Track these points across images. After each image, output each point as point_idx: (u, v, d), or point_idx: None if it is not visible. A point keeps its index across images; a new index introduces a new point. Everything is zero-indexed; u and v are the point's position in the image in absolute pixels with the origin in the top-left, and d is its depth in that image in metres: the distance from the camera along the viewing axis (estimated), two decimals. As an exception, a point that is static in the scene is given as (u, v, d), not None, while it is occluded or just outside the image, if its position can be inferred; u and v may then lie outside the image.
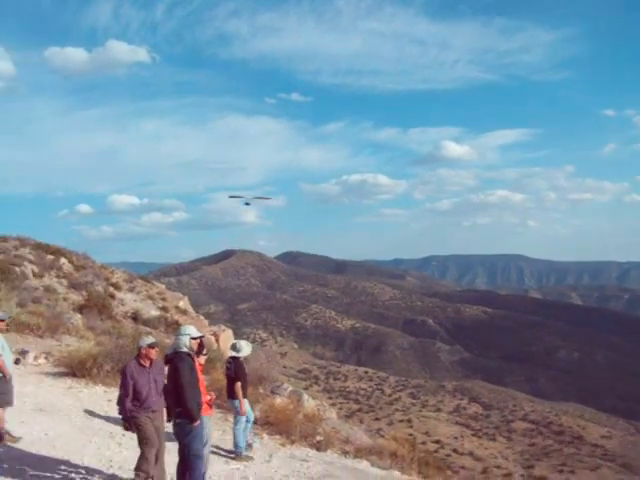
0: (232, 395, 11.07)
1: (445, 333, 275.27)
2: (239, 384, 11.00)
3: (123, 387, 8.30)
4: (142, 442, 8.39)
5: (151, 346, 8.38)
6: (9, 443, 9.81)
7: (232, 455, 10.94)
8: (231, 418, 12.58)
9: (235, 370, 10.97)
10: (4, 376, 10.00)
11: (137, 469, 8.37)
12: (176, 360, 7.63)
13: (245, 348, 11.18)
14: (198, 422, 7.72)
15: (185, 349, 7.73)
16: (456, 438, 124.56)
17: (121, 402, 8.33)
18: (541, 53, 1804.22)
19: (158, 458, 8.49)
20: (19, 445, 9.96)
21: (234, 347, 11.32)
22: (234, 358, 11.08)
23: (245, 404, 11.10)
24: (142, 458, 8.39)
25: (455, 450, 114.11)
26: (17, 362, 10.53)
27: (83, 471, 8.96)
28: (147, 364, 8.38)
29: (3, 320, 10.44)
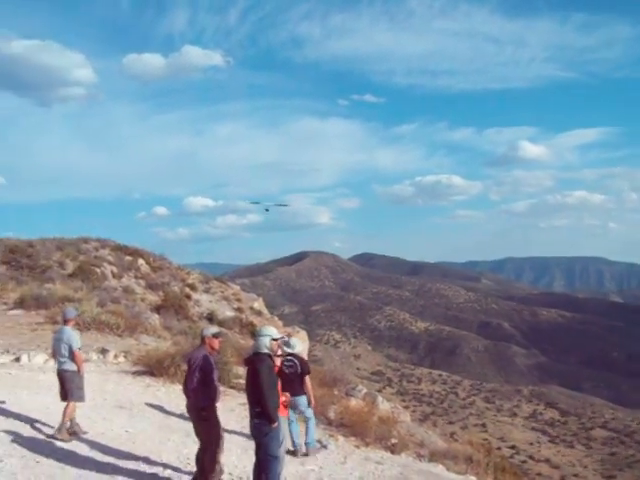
0: (298, 392, 11.07)
1: (521, 337, 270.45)
2: (308, 378, 11.04)
3: (210, 374, 8.22)
4: (213, 438, 8.36)
5: (215, 336, 8.41)
6: (66, 439, 9.96)
7: (304, 451, 11.01)
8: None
9: (301, 365, 10.97)
10: (79, 371, 10.21)
11: (210, 472, 8.37)
12: (257, 361, 7.65)
13: (298, 345, 11.13)
14: (276, 423, 7.76)
15: (266, 350, 7.75)
16: (532, 444, 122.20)
17: (201, 392, 8.22)
18: (622, 49, 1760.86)
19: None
20: (102, 440, 10.23)
21: (287, 344, 11.30)
22: (293, 354, 11.06)
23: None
24: (213, 460, 8.40)
25: (531, 457, 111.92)
26: None
27: (162, 468, 9.14)
28: (213, 354, 8.46)
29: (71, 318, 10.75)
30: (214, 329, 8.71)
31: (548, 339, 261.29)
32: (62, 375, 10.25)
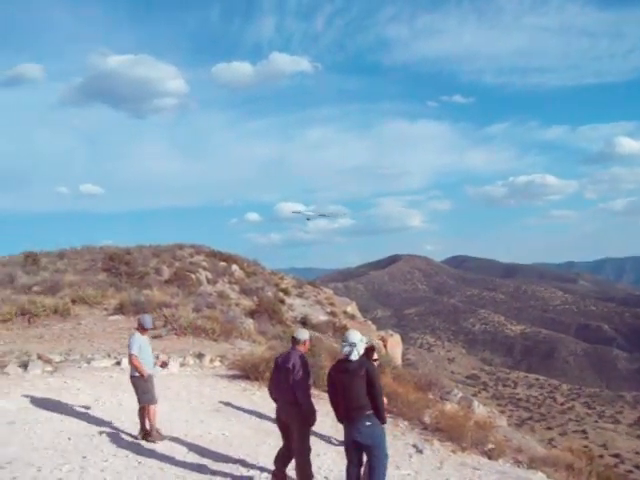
0: None
1: (623, 340, 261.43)
2: None
3: (307, 378, 8.30)
4: (306, 439, 8.35)
5: (310, 339, 8.53)
6: (157, 441, 10.13)
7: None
8: (401, 423, 12.61)
9: None
10: (142, 376, 10.20)
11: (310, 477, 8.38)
12: (369, 365, 7.70)
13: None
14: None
15: (358, 357, 7.74)
16: (638, 453, 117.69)
17: (306, 395, 8.23)
18: None
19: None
20: (199, 442, 10.41)
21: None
22: None
23: None
24: (308, 463, 8.37)
25: (637, 466, 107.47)
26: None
27: (258, 471, 9.23)
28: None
29: (148, 329, 10.76)
30: (307, 332, 8.85)
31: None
32: (131, 381, 10.42)
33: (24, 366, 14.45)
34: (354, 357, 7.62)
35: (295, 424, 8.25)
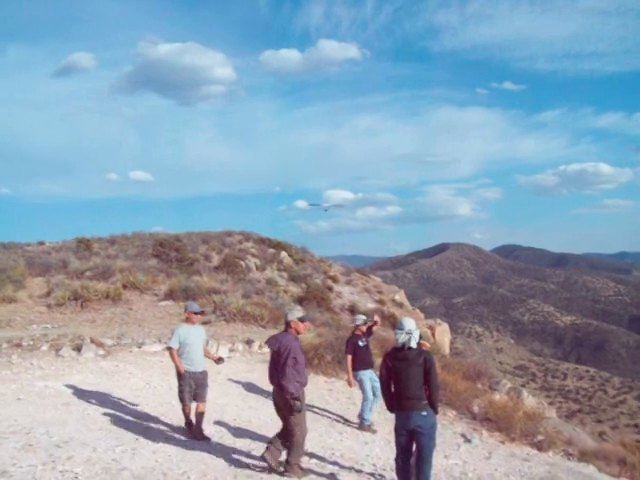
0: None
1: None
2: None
3: (302, 360, 8.14)
4: (301, 426, 8.18)
5: (301, 320, 8.22)
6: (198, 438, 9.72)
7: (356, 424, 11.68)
8: (450, 412, 12.62)
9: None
10: (178, 372, 9.78)
11: (295, 463, 8.23)
12: (427, 354, 7.64)
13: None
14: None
15: (415, 344, 7.68)
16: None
17: (290, 381, 7.96)
18: None
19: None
20: (249, 427, 10.50)
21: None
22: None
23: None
24: (300, 446, 8.27)
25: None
26: (219, 362, 10.33)
27: (307, 457, 9.24)
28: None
29: (197, 313, 10.28)
30: (299, 312, 8.38)
31: None
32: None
33: (78, 349, 14.71)
34: (413, 345, 7.57)
35: (285, 409, 8.10)
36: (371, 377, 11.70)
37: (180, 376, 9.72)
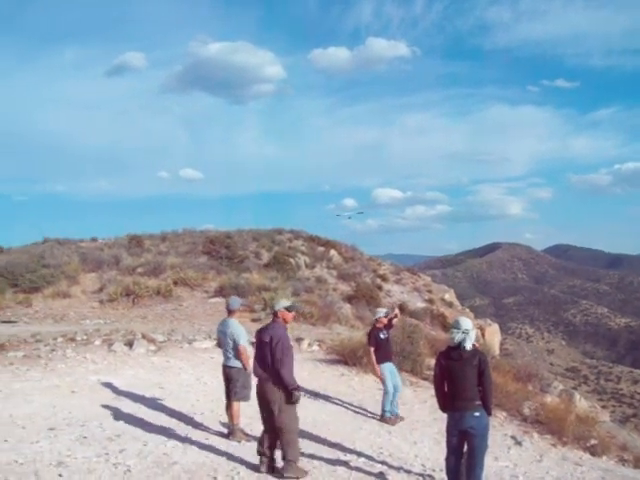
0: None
1: None
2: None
3: (291, 353, 7.93)
4: (295, 421, 7.92)
5: (288, 309, 8.03)
6: (242, 441, 9.32)
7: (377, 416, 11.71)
8: (500, 414, 12.49)
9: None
10: (245, 368, 9.43)
11: (294, 462, 7.90)
12: (482, 355, 7.57)
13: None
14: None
15: (471, 345, 7.59)
16: None
17: (288, 371, 7.72)
18: None
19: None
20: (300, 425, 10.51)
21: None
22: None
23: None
24: (296, 444, 7.94)
25: None
26: None
27: (355, 455, 9.21)
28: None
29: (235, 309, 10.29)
30: (286, 302, 8.18)
31: None
32: (226, 372, 9.64)
33: (129, 345, 14.91)
34: (468, 345, 7.48)
35: (278, 402, 7.73)
36: (391, 370, 11.80)
37: (247, 373, 9.39)
